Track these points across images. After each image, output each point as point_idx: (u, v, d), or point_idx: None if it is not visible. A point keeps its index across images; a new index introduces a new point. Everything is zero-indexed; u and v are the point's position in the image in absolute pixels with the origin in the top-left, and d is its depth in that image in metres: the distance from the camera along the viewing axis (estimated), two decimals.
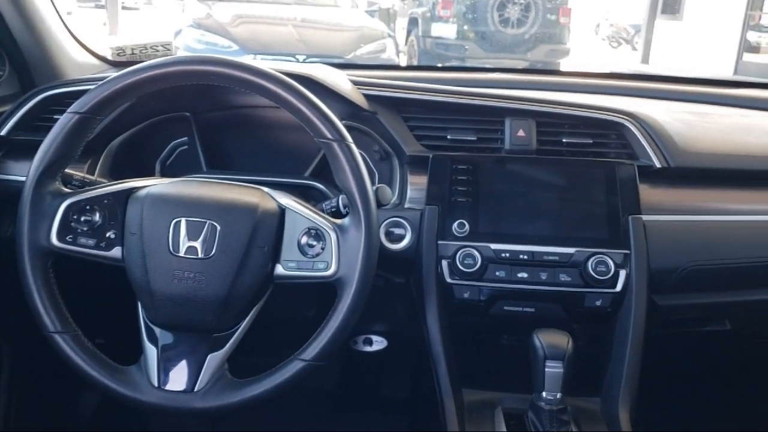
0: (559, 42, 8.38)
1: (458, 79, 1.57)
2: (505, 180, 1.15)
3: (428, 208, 1.14)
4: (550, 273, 1.09)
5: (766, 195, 1.23)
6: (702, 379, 1.70)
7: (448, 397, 1.10)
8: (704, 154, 1.21)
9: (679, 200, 1.20)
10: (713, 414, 1.79)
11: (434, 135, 1.21)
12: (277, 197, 0.97)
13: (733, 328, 1.25)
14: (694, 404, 1.78)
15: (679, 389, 1.69)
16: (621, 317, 1.10)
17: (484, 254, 1.09)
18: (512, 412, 1.10)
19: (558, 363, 1.00)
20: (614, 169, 1.15)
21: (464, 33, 8.37)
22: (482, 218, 1.12)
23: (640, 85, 1.65)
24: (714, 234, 1.18)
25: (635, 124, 1.20)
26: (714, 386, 1.74)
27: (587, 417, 1.10)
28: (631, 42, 14.34)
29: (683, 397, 1.73)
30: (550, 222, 1.12)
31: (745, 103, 1.57)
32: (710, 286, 1.18)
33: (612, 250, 1.09)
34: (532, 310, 1.12)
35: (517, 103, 1.23)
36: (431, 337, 1.13)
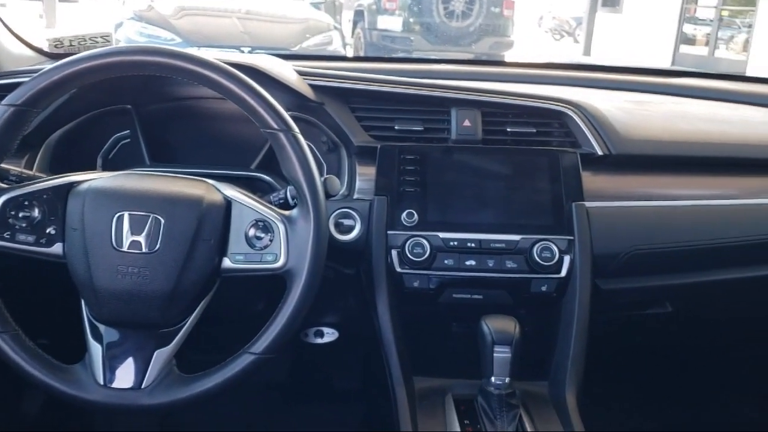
0: (503, 34, 8.47)
1: (405, 70, 1.58)
2: (452, 169, 1.17)
3: (377, 199, 1.14)
4: (496, 260, 1.11)
5: (703, 180, 1.27)
6: (645, 361, 1.76)
7: (399, 385, 1.10)
8: (644, 141, 1.25)
9: (620, 186, 1.23)
10: (657, 393, 1.85)
11: (382, 125, 1.21)
12: (222, 189, 0.96)
13: (674, 310, 1.29)
14: (638, 385, 1.83)
15: (623, 371, 1.74)
16: (566, 302, 1.13)
17: (433, 243, 1.10)
18: (462, 398, 1.12)
19: (506, 348, 1.01)
20: (557, 157, 1.17)
21: (410, 25, 8.39)
22: (430, 208, 1.13)
23: (582, 75, 1.68)
24: (654, 219, 1.21)
25: (577, 112, 1.22)
26: (657, 367, 1.80)
27: (535, 400, 1.12)
28: (573, 34, 14.61)
29: (628, 378, 1.78)
30: (496, 210, 1.14)
31: (682, 92, 1.62)
32: (651, 270, 1.22)
33: (556, 236, 1.12)
34: (480, 297, 1.13)
35: (462, 94, 1.24)
36: (382, 326, 1.13)
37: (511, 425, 1.02)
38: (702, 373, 1.91)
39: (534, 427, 1.05)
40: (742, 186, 1.27)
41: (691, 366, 1.85)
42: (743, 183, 1.28)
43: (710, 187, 1.27)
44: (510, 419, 1.02)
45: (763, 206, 1.26)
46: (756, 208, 1.25)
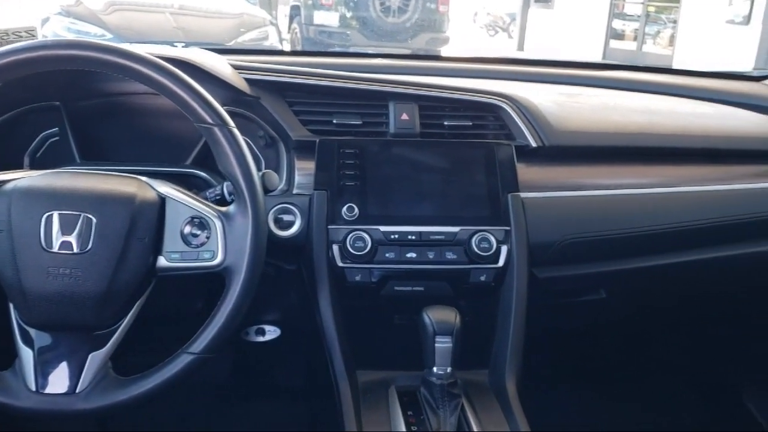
0: (439, 30, 8.54)
1: (342, 64, 1.58)
2: (391, 163, 1.17)
3: (317, 193, 1.13)
4: (436, 252, 1.12)
5: (633, 169, 1.31)
6: (581, 345, 1.80)
7: (342, 379, 1.10)
8: (576, 132, 1.28)
9: (554, 177, 1.25)
10: (593, 377, 1.90)
11: (320, 119, 1.20)
12: (156, 186, 0.94)
13: (607, 296, 1.33)
14: (576, 369, 1.88)
15: (561, 356, 1.78)
16: (504, 291, 1.15)
17: (374, 237, 1.11)
18: (405, 390, 1.13)
19: (447, 338, 1.02)
20: (493, 149, 1.19)
21: (347, 21, 8.37)
22: (371, 201, 1.13)
23: (516, 69, 1.71)
24: (587, 208, 1.25)
25: (511, 105, 1.24)
26: (592, 351, 1.85)
27: (477, 389, 1.14)
28: (508, 30, 14.83)
29: (566, 363, 1.83)
30: (435, 202, 1.15)
31: (612, 85, 1.66)
32: (585, 258, 1.25)
33: (493, 227, 1.13)
34: (421, 289, 1.14)
35: (400, 88, 1.24)
36: (324, 321, 1.13)
37: (453, 414, 1.03)
38: (635, 355, 1.97)
39: (476, 415, 1.07)
40: (670, 174, 1.32)
41: (625, 349, 1.91)
42: (671, 172, 1.32)
43: (640, 176, 1.30)
44: (452, 408, 1.03)
45: (690, 193, 1.30)
46: (683, 195, 1.30)
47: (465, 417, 1.06)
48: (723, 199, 1.32)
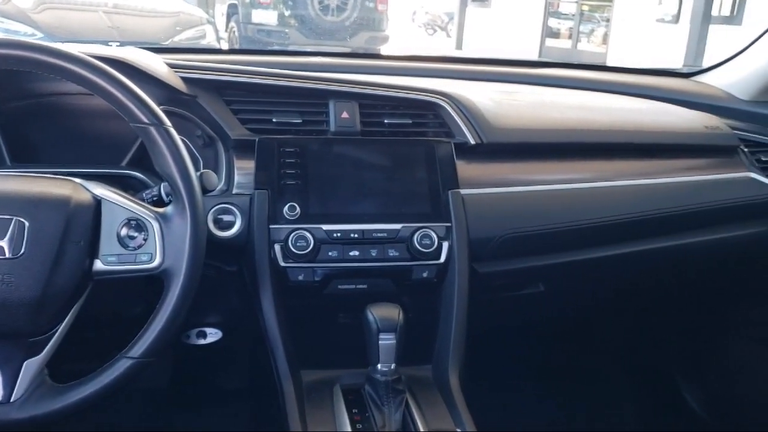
0: (378, 29, 8.57)
1: (281, 62, 1.57)
2: (332, 161, 1.17)
3: (257, 193, 1.12)
4: (379, 249, 1.12)
5: (570, 165, 1.34)
6: (523, 338, 1.84)
7: (286, 380, 1.10)
8: (513, 129, 1.30)
9: (493, 174, 1.27)
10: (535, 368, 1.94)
11: (259, 118, 1.19)
12: (91, 188, 0.91)
13: (546, 289, 1.36)
14: (518, 362, 1.92)
15: (503, 350, 1.81)
16: (446, 287, 1.16)
17: (317, 236, 1.10)
18: (350, 388, 1.13)
19: (390, 335, 1.03)
20: (433, 147, 1.20)
21: (285, 19, 8.31)
22: (312, 200, 1.13)
23: (455, 68, 1.73)
24: (525, 204, 1.27)
25: (450, 103, 1.26)
26: (533, 343, 1.89)
27: (421, 384, 1.15)
28: (446, 29, 14.98)
29: (507, 356, 1.86)
30: (377, 200, 1.16)
31: (549, 82, 1.70)
32: (524, 252, 1.28)
33: (435, 223, 1.14)
34: (364, 287, 1.14)
35: (340, 86, 1.24)
36: (267, 322, 1.12)
37: (398, 410, 1.04)
38: (575, 348, 2.02)
39: (420, 410, 1.08)
40: (605, 169, 1.35)
41: (565, 341, 1.96)
42: (606, 166, 1.36)
43: (575, 171, 1.33)
44: (397, 404, 1.04)
45: (623, 188, 1.34)
46: (617, 189, 1.33)
47: (409, 413, 1.07)
48: (655, 192, 1.36)
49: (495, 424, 1.16)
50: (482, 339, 1.35)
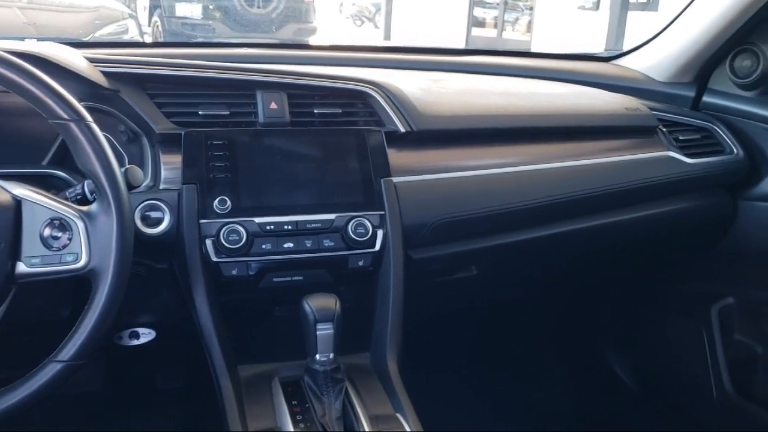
0: (306, 21, 8.49)
1: (207, 54, 1.54)
2: (262, 153, 1.15)
3: (185, 188, 1.10)
4: (314, 240, 1.12)
5: (499, 150, 1.36)
6: (457, 322, 1.87)
7: (223, 376, 1.08)
8: (442, 117, 1.31)
9: (424, 161, 1.28)
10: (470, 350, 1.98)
11: (185, 111, 1.17)
12: (10, 189, 0.88)
13: (479, 272, 1.38)
14: (454, 344, 1.95)
15: (439, 334, 1.84)
16: (382, 274, 1.17)
17: (249, 229, 1.09)
18: (289, 380, 1.12)
19: (328, 325, 1.03)
20: (364, 136, 1.20)
21: (210, 12, 8.13)
22: (244, 193, 1.11)
23: (383, 57, 1.74)
24: (457, 189, 1.28)
25: (379, 92, 1.26)
26: (468, 326, 1.92)
27: (360, 372, 1.15)
28: (374, 20, 14.98)
29: (444, 339, 1.89)
30: (310, 191, 1.15)
31: (476, 69, 1.73)
32: (457, 237, 1.29)
33: (369, 212, 1.15)
34: (300, 278, 1.14)
35: (267, 76, 1.23)
36: (201, 319, 1.10)
37: (338, 399, 1.04)
38: (509, 328, 2.07)
39: (360, 397, 1.08)
40: (531, 153, 1.38)
41: (498, 322, 2.00)
42: (532, 150, 1.38)
43: (504, 156, 1.36)
44: (336, 393, 1.04)
45: (551, 170, 1.37)
46: (546, 172, 1.36)
47: (349, 400, 1.07)
48: (580, 173, 1.40)
49: (434, 407, 1.17)
50: (419, 324, 1.36)
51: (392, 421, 1.04)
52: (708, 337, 1.73)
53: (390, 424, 1.03)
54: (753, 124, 1.57)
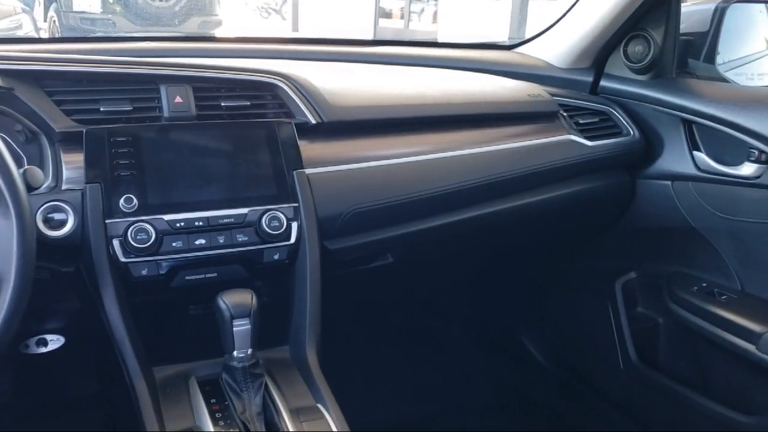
0: (210, 13, 8.32)
1: (109, 49, 1.49)
2: (169, 149, 1.12)
3: (89, 187, 1.06)
4: (227, 235, 1.10)
5: (408, 139, 1.37)
6: (377, 310, 1.89)
7: (138, 378, 1.05)
8: (352, 108, 1.32)
9: (337, 152, 1.28)
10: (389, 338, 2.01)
11: (85, 108, 1.12)
12: None
13: (395, 260, 1.40)
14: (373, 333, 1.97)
15: (359, 323, 1.85)
16: (298, 266, 1.16)
17: (158, 227, 1.06)
18: (206, 378, 1.11)
19: (245, 320, 1.02)
20: (274, 128, 1.19)
21: (110, 6, 7.82)
22: (151, 190, 1.08)
23: (292, 48, 1.73)
24: (370, 179, 1.29)
25: (288, 84, 1.25)
26: (386, 314, 1.95)
27: (279, 366, 1.15)
28: (281, 12, 14.80)
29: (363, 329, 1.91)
30: (221, 186, 1.13)
31: (384, 60, 1.74)
32: (372, 226, 1.30)
33: (282, 205, 1.14)
34: (214, 275, 1.12)
35: (170, 70, 1.20)
36: (112, 322, 1.07)
37: (258, 394, 1.03)
38: (427, 314, 2.11)
39: (280, 390, 1.08)
40: (442, 141, 1.40)
41: (416, 309, 2.04)
42: (442, 138, 1.41)
43: (415, 144, 1.37)
44: (256, 388, 1.04)
45: (460, 157, 1.40)
46: (455, 159, 1.39)
47: (269, 395, 1.06)
48: (488, 159, 1.43)
49: (355, 395, 1.18)
50: (338, 314, 1.37)
51: (313, 412, 1.04)
52: (613, 311, 1.82)
53: (311, 416, 1.04)
54: (647, 106, 1.65)
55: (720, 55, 1.73)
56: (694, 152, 1.57)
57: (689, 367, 1.71)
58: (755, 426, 1.49)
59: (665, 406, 1.73)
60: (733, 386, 1.60)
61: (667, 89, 1.61)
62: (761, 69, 1.84)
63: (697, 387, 1.66)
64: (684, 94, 1.57)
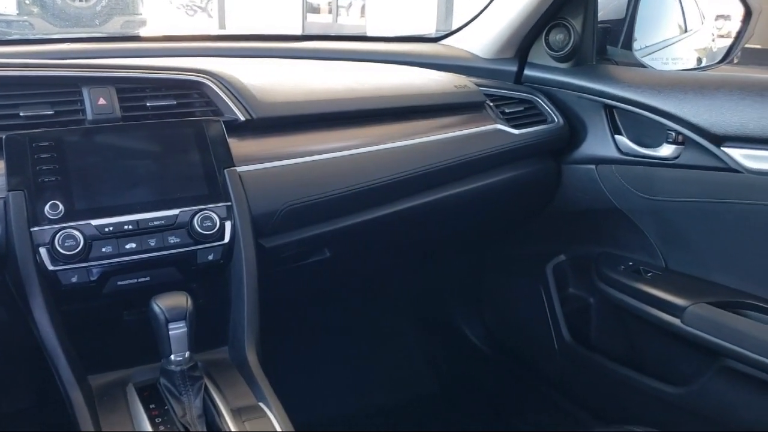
0: (134, 12, 8.12)
1: (27, 52, 1.44)
2: (95, 152, 1.10)
3: (12, 195, 1.02)
4: (158, 238, 1.08)
5: (340, 134, 1.38)
6: (317, 307, 1.89)
7: (72, 388, 1.03)
8: (282, 103, 1.32)
9: (268, 149, 1.28)
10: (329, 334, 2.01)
11: (4, 114, 1.09)
12: None
13: (332, 254, 1.40)
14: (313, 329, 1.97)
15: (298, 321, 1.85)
16: (234, 266, 1.15)
17: (86, 233, 1.03)
18: (144, 384, 1.09)
19: (180, 323, 1.01)
20: (202, 127, 1.18)
21: (26, 8, 7.52)
22: (77, 196, 1.05)
23: (219, 46, 1.71)
24: (303, 174, 1.29)
25: (214, 81, 1.24)
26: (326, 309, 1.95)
27: (219, 367, 1.14)
28: (206, 10, 14.54)
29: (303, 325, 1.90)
30: (150, 188, 1.11)
31: (312, 55, 1.74)
32: (307, 222, 1.30)
33: (214, 204, 1.13)
34: (147, 279, 1.10)
35: (92, 71, 1.17)
36: (42, 332, 1.04)
37: (198, 397, 1.02)
38: (367, 307, 2.12)
39: (220, 392, 1.07)
40: (374, 134, 1.41)
41: (356, 302, 2.05)
42: (374, 131, 1.42)
43: (347, 139, 1.38)
44: (195, 391, 1.02)
45: (392, 149, 1.41)
46: (387, 151, 1.40)
47: (210, 396, 1.05)
48: (420, 151, 1.45)
49: (298, 391, 1.19)
50: (277, 312, 1.37)
51: (255, 411, 1.04)
52: (546, 293, 1.87)
53: (253, 414, 1.03)
54: (569, 93, 1.70)
55: (637, 41, 1.79)
56: (616, 136, 1.62)
57: (620, 343, 1.77)
58: (684, 396, 1.56)
59: (599, 382, 1.79)
60: (662, 359, 1.67)
61: (588, 76, 1.66)
62: (675, 54, 1.92)
63: (628, 362, 1.73)
64: (604, 80, 1.62)
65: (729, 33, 1.80)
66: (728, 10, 1.92)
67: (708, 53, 1.94)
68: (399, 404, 2.04)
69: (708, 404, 1.51)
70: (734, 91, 1.42)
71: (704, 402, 1.52)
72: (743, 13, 1.73)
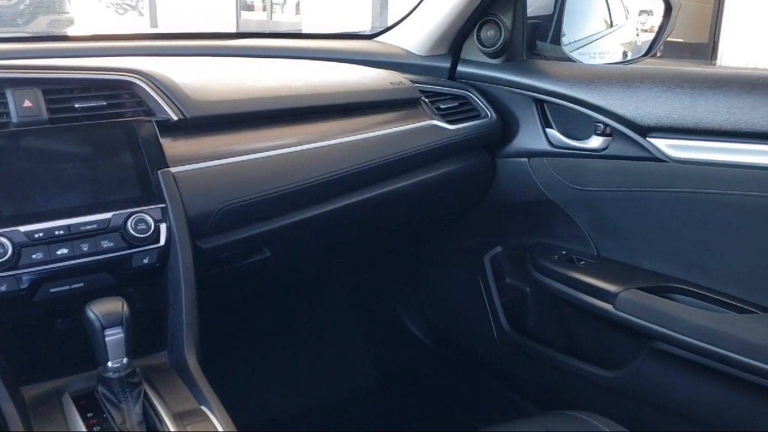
0: (60, 11, 7.87)
1: None
2: (21, 156, 1.06)
3: None
4: (91, 243, 1.06)
5: (276, 132, 1.37)
6: (257, 306, 1.88)
7: (4, 400, 0.99)
8: (215, 102, 1.30)
9: (204, 148, 1.26)
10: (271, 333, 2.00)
11: None
12: None
13: (272, 254, 1.40)
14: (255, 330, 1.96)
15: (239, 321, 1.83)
16: (171, 269, 1.13)
17: (15, 239, 1.00)
18: (81, 393, 1.06)
19: (117, 329, 0.99)
20: (134, 127, 1.15)
21: None
22: (3, 201, 1.02)
23: (150, 44, 1.68)
24: (240, 174, 1.28)
25: (145, 81, 1.21)
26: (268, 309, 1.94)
27: (158, 372, 1.12)
28: (137, 8, 14.21)
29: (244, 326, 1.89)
30: (81, 191, 1.08)
31: (247, 53, 1.73)
32: (245, 221, 1.29)
33: (148, 206, 1.11)
34: (80, 285, 1.07)
35: (16, 72, 1.14)
36: None
37: (137, 403, 1.00)
38: (310, 305, 2.12)
39: (161, 397, 1.05)
40: (310, 132, 1.41)
41: (299, 300, 2.04)
42: (309, 129, 1.41)
43: (283, 137, 1.37)
44: (135, 398, 1.01)
45: (330, 146, 1.41)
46: (325, 149, 1.40)
47: (150, 402, 1.04)
48: (357, 148, 1.46)
49: (240, 392, 1.18)
50: (218, 313, 1.35)
51: (197, 415, 1.03)
52: (484, 284, 1.91)
53: (195, 418, 1.02)
54: (501, 88, 1.74)
55: (565, 36, 1.84)
56: (547, 129, 1.67)
57: (556, 330, 1.82)
58: (619, 379, 1.62)
59: (538, 370, 1.84)
60: (597, 344, 1.72)
61: (518, 71, 1.70)
62: (602, 48, 1.98)
63: (565, 348, 1.78)
64: (534, 75, 1.66)
65: (652, 27, 1.87)
66: (650, 5, 1.99)
67: (633, 47, 2.00)
68: (341, 401, 2.05)
69: (642, 386, 1.57)
70: (658, 84, 1.48)
71: (638, 384, 1.57)
72: (664, 8, 1.80)
